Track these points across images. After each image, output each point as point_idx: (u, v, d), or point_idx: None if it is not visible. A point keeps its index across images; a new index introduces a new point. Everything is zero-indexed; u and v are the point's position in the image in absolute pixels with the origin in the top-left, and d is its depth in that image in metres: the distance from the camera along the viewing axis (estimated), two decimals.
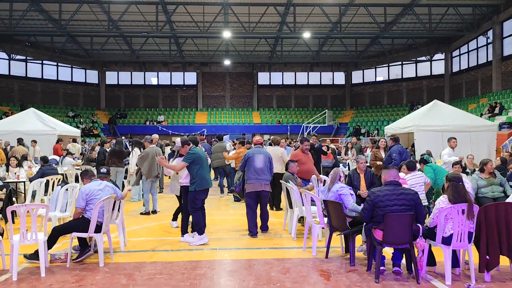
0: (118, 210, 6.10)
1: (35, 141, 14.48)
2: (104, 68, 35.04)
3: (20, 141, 13.12)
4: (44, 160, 9.13)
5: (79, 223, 5.48)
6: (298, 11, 24.32)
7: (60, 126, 16.55)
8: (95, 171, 6.55)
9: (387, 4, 23.62)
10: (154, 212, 9.23)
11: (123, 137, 18.16)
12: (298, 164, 7.81)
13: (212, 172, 12.57)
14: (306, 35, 25.87)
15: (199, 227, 6.52)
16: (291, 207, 7.08)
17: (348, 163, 15.07)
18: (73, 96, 33.63)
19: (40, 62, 31.61)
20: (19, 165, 9.14)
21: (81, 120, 30.71)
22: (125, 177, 12.03)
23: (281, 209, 9.38)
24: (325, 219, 5.78)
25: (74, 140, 14.37)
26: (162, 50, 31.55)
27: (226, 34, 25.40)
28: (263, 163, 7.20)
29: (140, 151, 9.78)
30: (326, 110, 31.37)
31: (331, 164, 12.57)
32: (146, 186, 9.14)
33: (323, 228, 5.96)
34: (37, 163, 13.13)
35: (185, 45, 31.02)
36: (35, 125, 15.36)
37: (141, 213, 9.12)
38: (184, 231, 6.82)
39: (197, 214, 6.53)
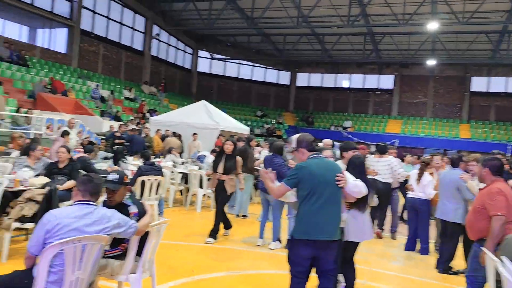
0: (139, 255, 3.45)
1: (196, 134, 13.75)
2: (296, 69, 34.28)
3: (175, 134, 12.40)
4: (145, 157, 7.43)
5: (22, 280, 2.88)
6: None
7: (227, 121, 15.64)
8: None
9: None
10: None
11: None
12: None
13: None
14: None
15: None
16: None
17: None
18: (265, 96, 33.89)
19: (237, 62, 32.86)
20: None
21: (267, 120, 30.49)
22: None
23: None
24: None
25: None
26: (356, 49, 28.71)
27: (432, 25, 20.77)
28: None
29: None
30: None
31: None
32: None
33: None
34: (192, 158, 12.23)
35: (382, 44, 27.44)
36: (201, 118, 14.73)
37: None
38: None
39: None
